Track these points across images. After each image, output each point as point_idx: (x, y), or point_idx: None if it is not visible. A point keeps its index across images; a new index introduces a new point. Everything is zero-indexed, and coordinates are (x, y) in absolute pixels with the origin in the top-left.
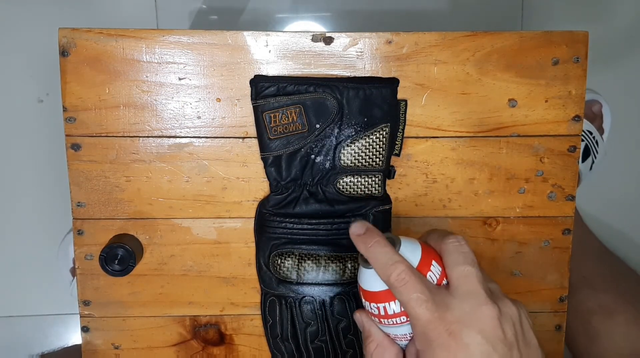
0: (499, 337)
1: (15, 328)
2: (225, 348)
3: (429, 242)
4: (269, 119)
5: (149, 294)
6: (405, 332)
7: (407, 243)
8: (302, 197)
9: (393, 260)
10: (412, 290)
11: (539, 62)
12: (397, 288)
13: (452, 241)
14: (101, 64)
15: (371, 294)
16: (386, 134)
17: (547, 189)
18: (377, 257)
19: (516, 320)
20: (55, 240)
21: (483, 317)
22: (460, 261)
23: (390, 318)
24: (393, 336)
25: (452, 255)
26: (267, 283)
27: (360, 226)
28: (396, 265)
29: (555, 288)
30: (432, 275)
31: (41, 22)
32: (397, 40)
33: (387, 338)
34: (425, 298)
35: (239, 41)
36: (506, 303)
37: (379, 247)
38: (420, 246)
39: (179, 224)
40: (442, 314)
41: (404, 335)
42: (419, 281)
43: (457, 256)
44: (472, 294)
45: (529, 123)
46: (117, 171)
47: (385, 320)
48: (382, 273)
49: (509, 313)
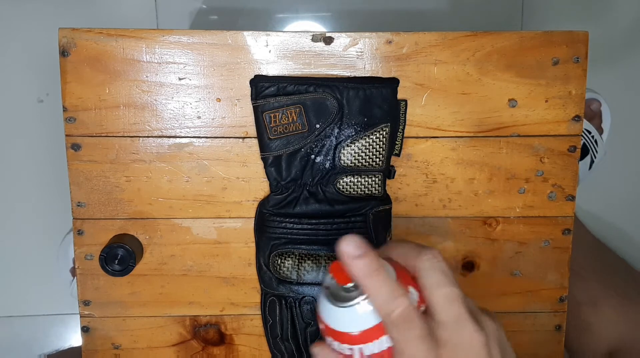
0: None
1: (15, 328)
2: (225, 348)
3: (396, 258)
4: (269, 119)
5: (149, 294)
6: None
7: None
8: (302, 197)
9: (397, 293)
10: (415, 329)
11: (539, 62)
12: (397, 326)
13: (428, 257)
14: (101, 64)
15: (345, 335)
16: (386, 134)
17: (547, 189)
18: (380, 290)
19: (498, 338)
20: (55, 240)
21: (474, 347)
22: (441, 282)
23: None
24: None
25: (430, 275)
26: (267, 283)
27: (355, 246)
28: (400, 299)
29: (555, 288)
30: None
31: (41, 22)
32: (397, 40)
33: None
34: (426, 336)
35: (239, 41)
36: (488, 323)
37: (380, 278)
38: (393, 270)
39: (179, 224)
40: (438, 352)
41: None
42: (421, 318)
43: (437, 276)
44: (460, 322)
45: (529, 123)
46: (117, 171)
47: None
48: (382, 308)
49: (494, 335)
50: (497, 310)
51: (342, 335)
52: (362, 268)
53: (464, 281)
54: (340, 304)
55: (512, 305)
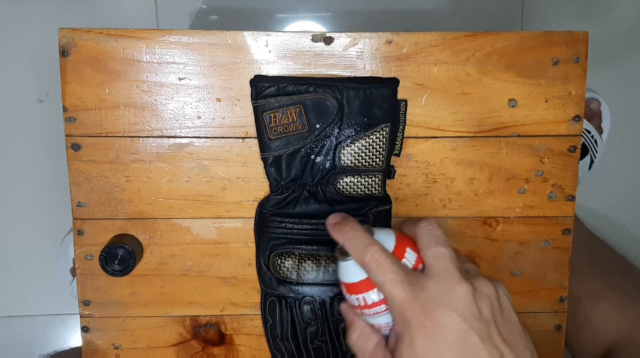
0: (474, 314)
1: (15, 328)
2: (225, 348)
3: (404, 230)
4: (269, 119)
5: (149, 294)
6: (388, 321)
7: (381, 232)
8: (302, 197)
9: (367, 242)
10: (387, 271)
11: (539, 62)
12: (372, 270)
13: (424, 225)
14: (101, 64)
15: (351, 286)
16: (386, 134)
17: (547, 189)
18: (352, 241)
19: (493, 297)
20: (55, 240)
21: (457, 295)
22: (432, 243)
23: (370, 307)
24: (377, 326)
25: (425, 238)
26: (267, 283)
27: (337, 216)
28: (370, 246)
29: (555, 288)
30: (407, 261)
31: (41, 22)
32: (397, 41)
33: (369, 327)
34: (400, 278)
35: (239, 41)
36: (482, 281)
37: (353, 231)
38: (394, 234)
39: (179, 224)
40: (417, 294)
41: (386, 325)
42: (393, 262)
43: (430, 239)
44: (446, 274)
45: (529, 123)
46: (117, 171)
47: (367, 311)
48: (357, 256)
49: (485, 291)
50: None
51: (348, 286)
52: (339, 228)
53: None
54: (343, 258)
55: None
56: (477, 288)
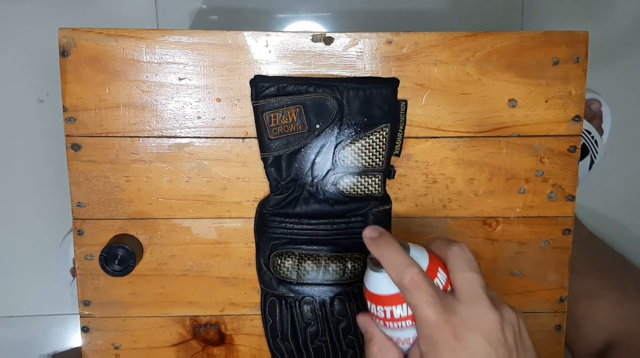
0: (500, 341)
1: (15, 328)
2: (225, 348)
3: (433, 249)
4: (269, 119)
5: (149, 294)
6: (409, 336)
7: (416, 250)
8: (302, 197)
9: (407, 263)
10: (423, 293)
11: (539, 62)
12: (409, 291)
13: (457, 248)
14: (101, 64)
15: (378, 297)
16: (386, 134)
17: (547, 190)
18: (391, 260)
19: (516, 326)
20: (55, 240)
21: (487, 322)
22: (464, 267)
23: (395, 321)
24: (395, 339)
25: (456, 261)
26: (267, 283)
27: (374, 230)
28: (410, 267)
29: (555, 288)
30: (438, 281)
31: (41, 22)
32: (397, 41)
33: (388, 341)
34: (435, 301)
35: (239, 41)
36: (507, 310)
37: (393, 251)
38: (427, 253)
39: (179, 224)
40: (449, 317)
41: (406, 339)
42: (430, 284)
43: (462, 263)
44: (477, 300)
45: (529, 123)
46: (117, 171)
47: (390, 323)
48: (395, 275)
49: (510, 320)
50: None
51: (376, 297)
52: (377, 244)
53: None
54: (375, 268)
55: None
56: (504, 316)
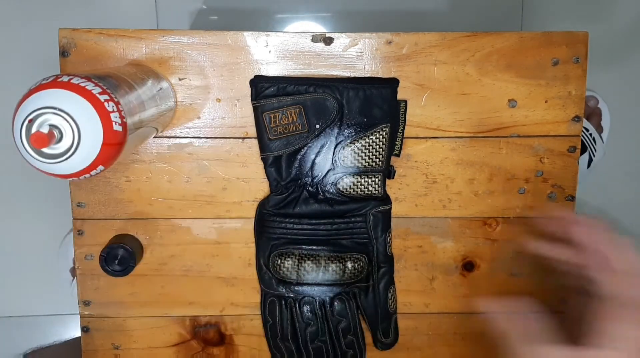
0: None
1: (15, 328)
2: (225, 348)
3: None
4: (269, 119)
5: (149, 294)
6: None
7: None
8: (302, 197)
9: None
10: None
11: (539, 62)
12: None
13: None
14: (101, 64)
15: None
16: (386, 134)
17: (547, 190)
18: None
19: None
20: (55, 240)
21: None
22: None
23: None
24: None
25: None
26: (267, 284)
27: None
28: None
29: (555, 288)
30: None
31: (41, 22)
32: (397, 41)
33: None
34: None
35: (239, 41)
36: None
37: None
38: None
39: (179, 224)
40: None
41: None
42: None
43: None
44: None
45: (528, 123)
46: (117, 171)
47: None
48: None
49: None
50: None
51: None
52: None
53: (464, 282)
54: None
55: None
56: None
